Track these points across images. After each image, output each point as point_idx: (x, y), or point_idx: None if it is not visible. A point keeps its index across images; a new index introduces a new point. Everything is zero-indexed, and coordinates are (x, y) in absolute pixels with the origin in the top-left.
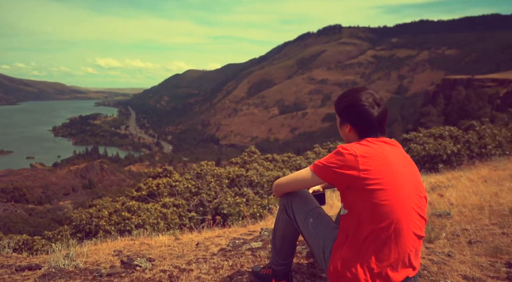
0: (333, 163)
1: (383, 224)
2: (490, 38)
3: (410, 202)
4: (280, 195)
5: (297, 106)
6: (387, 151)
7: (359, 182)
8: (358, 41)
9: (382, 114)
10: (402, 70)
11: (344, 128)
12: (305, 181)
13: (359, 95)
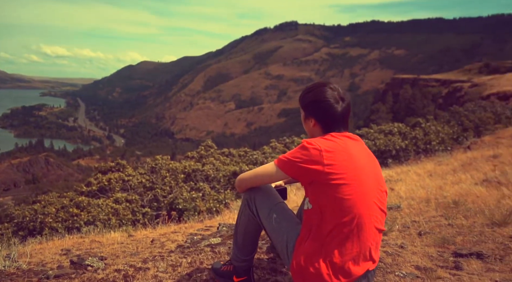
0: (298, 157)
1: (346, 218)
2: (435, 41)
3: (372, 197)
4: (243, 190)
5: (254, 101)
6: (350, 146)
7: (323, 176)
8: (313, 38)
9: (346, 109)
10: (355, 68)
11: (308, 122)
12: (269, 176)
13: (323, 90)
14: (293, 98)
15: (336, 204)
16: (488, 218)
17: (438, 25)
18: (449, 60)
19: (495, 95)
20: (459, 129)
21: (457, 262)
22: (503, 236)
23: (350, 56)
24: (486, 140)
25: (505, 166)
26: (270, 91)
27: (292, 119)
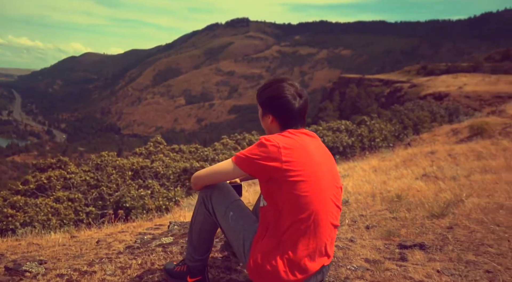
0: (256, 154)
1: (303, 215)
2: (378, 43)
3: (328, 193)
4: (199, 188)
5: (204, 97)
6: (307, 142)
7: (281, 173)
8: (264, 35)
9: (303, 105)
10: (304, 66)
11: (266, 119)
12: (226, 173)
13: (281, 86)
14: (244, 95)
15: (293, 201)
16: (428, 211)
17: (381, 28)
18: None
19: (431, 95)
20: (400, 126)
21: (402, 253)
22: (441, 227)
23: (299, 55)
24: (424, 137)
25: (441, 161)
26: (221, 87)
27: (243, 115)
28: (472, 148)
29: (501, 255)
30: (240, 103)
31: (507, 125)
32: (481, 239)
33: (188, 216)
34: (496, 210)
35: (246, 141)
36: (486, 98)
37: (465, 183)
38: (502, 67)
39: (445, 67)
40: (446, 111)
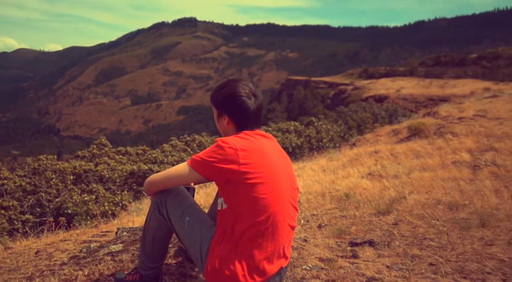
0: (213, 157)
1: (261, 217)
2: (323, 46)
3: (285, 195)
4: (153, 193)
5: (151, 97)
6: (264, 144)
7: (239, 176)
8: (212, 36)
9: (259, 105)
10: (253, 68)
11: (222, 120)
12: (182, 177)
13: (236, 86)
14: (193, 96)
15: (251, 204)
16: (375, 208)
17: (326, 32)
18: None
19: (372, 97)
20: (345, 127)
21: (353, 251)
22: (387, 223)
23: (248, 56)
24: (368, 137)
25: (384, 160)
26: (168, 87)
27: (192, 116)
28: (411, 147)
29: (442, 248)
30: (189, 104)
31: (440, 125)
32: (423, 234)
33: (137, 221)
34: (435, 206)
35: (196, 143)
36: (421, 100)
37: (406, 181)
38: (434, 72)
39: (384, 71)
40: (386, 112)
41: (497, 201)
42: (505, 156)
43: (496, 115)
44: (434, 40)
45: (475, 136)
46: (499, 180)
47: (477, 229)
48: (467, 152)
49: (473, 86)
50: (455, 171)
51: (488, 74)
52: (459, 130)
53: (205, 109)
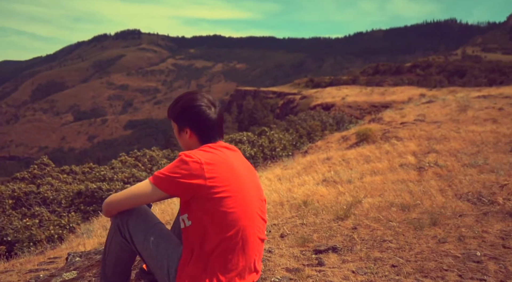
0: (176, 173)
1: (231, 232)
2: (270, 57)
3: (254, 207)
4: (113, 214)
5: (96, 112)
6: (229, 156)
7: (206, 191)
8: (158, 48)
9: (219, 115)
10: (201, 79)
11: (183, 134)
12: (145, 195)
13: (194, 97)
14: (140, 109)
15: (219, 219)
16: (333, 214)
17: (272, 43)
18: (282, 74)
19: (320, 105)
20: (296, 135)
21: (318, 258)
22: (347, 228)
23: (195, 68)
24: (319, 144)
25: (337, 166)
26: (114, 101)
27: (140, 131)
28: (361, 152)
29: (401, 249)
30: (136, 118)
31: (386, 131)
32: (382, 236)
33: (89, 244)
34: (388, 208)
35: (147, 158)
36: (364, 107)
37: (360, 185)
38: (375, 80)
39: (329, 80)
40: (334, 120)
41: (443, 200)
42: (446, 157)
43: (434, 119)
44: (372, 50)
45: (417, 140)
46: (442, 180)
47: (429, 228)
48: (411, 155)
49: (410, 93)
50: (403, 174)
51: (422, 81)
52: (403, 135)
53: (153, 123)
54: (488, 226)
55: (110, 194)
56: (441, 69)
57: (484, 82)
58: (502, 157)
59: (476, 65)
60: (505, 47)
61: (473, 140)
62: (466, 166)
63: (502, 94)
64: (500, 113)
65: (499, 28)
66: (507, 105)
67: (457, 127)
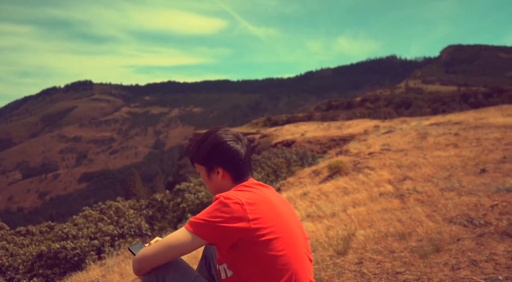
0: (217, 217)
1: (284, 278)
2: (226, 99)
3: (301, 247)
4: (147, 271)
5: (47, 168)
6: (267, 194)
7: (251, 234)
8: (111, 97)
9: (247, 148)
10: (158, 126)
11: (214, 176)
12: (183, 246)
13: (219, 134)
14: (96, 160)
15: (269, 264)
16: (333, 250)
17: (227, 86)
18: (239, 115)
19: (281, 143)
20: (264, 174)
21: None
22: (352, 263)
23: (152, 114)
24: (291, 181)
25: (316, 201)
26: (66, 154)
27: (96, 183)
28: (337, 185)
29: (419, 280)
30: (92, 170)
31: (356, 162)
32: (393, 268)
33: None
34: (384, 238)
35: (113, 210)
36: (324, 141)
37: (345, 218)
38: (329, 115)
39: (286, 117)
40: (297, 156)
41: (435, 225)
42: (421, 183)
43: (398, 148)
44: (324, 87)
45: (389, 168)
46: (426, 205)
47: (435, 255)
48: (388, 183)
49: (365, 125)
50: (385, 203)
51: (373, 114)
52: (374, 164)
53: (110, 174)
54: (491, 248)
55: (76, 252)
56: (389, 101)
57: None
58: (474, 179)
59: (419, 96)
60: (442, 78)
61: (442, 165)
62: (444, 190)
63: (450, 121)
64: (457, 138)
65: (434, 62)
66: (460, 130)
67: (423, 154)
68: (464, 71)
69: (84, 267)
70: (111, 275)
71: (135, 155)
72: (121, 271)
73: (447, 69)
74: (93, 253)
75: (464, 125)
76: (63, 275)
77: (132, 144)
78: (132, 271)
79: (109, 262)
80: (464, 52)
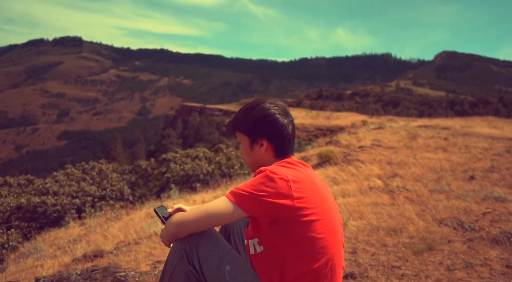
0: (262, 190)
1: (320, 262)
2: (217, 75)
3: (339, 232)
4: (181, 237)
5: (26, 120)
6: (311, 174)
7: (293, 213)
8: (100, 58)
9: (293, 126)
10: (145, 93)
11: (256, 148)
12: (224, 216)
13: (268, 106)
14: (77, 119)
15: (307, 246)
16: None
17: (220, 62)
18: (229, 93)
19: None
20: None
21: None
22: (346, 252)
23: (140, 81)
24: None
25: None
26: (48, 110)
27: (76, 142)
28: (326, 174)
29: (417, 276)
30: (73, 129)
31: (346, 153)
32: (388, 262)
33: (48, 265)
34: (376, 231)
35: (96, 171)
36: (310, 129)
37: None
38: (318, 104)
39: None
40: None
41: (425, 225)
42: (411, 182)
43: (389, 145)
44: (316, 76)
45: (379, 163)
46: (415, 204)
47: (428, 254)
48: (377, 178)
49: (353, 119)
50: (375, 197)
51: (361, 109)
52: (364, 158)
53: (91, 135)
54: (484, 253)
55: (56, 209)
56: (378, 98)
57: (415, 113)
58: (463, 185)
59: (408, 97)
60: (432, 83)
61: (431, 167)
62: (433, 191)
63: (438, 125)
64: (447, 143)
65: (427, 66)
66: (449, 135)
67: (413, 154)
68: (455, 78)
69: (64, 225)
70: (93, 235)
71: (118, 119)
72: (103, 233)
73: (439, 74)
74: (73, 212)
75: (452, 131)
76: (40, 229)
77: (116, 107)
78: (165, 233)
79: (90, 223)
80: (457, 60)
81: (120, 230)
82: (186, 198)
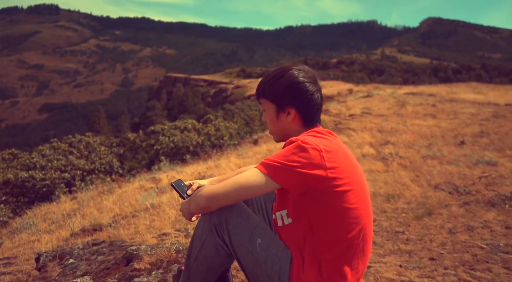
0: (294, 161)
1: (353, 232)
2: (201, 44)
3: (369, 202)
4: (211, 210)
5: (4, 93)
6: (340, 143)
7: (326, 183)
8: (79, 27)
9: (321, 93)
10: (127, 63)
11: (283, 117)
12: (256, 188)
13: (296, 73)
14: (58, 92)
15: (340, 216)
16: None
17: (203, 30)
18: (213, 63)
19: (254, 96)
20: (242, 124)
21: None
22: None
23: (121, 51)
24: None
25: None
26: (26, 82)
27: (58, 115)
28: None
29: (422, 240)
30: (53, 101)
31: (337, 122)
32: (391, 227)
33: (46, 240)
34: (373, 198)
35: (83, 144)
36: None
37: None
38: None
39: (261, 71)
40: None
41: (420, 190)
42: (404, 148)
43: (379, 113)
44: (302, 44)
45: (370, 131)
46: (409, 170)
47: (428, 218)
48: (369, 146)
49: (338, 87)
50: (369, 164)
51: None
52: (355, 126)
53: (73, 107)
54: (481, 216)
55: (46, 183)
56: (363, 66)
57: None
58: (454, 150)
59: (393, 65)
60: (417, 50)
61: (422, 133)
62: (426, 157)
63: (424, 92)
64: (435, 109)
65: (412, 32)
66: (437, 102)
67: (403, 121)
68: (439, 45)
69: (54, 199)
70: (87, 209)
71: (100, 91)
72: (97, 206)
73: (424, 41)
74: (63, 186)
75: (439, 98)
76: (30, 204)
77: (98, 79)
78: (188, 207)
79: (82, 196)
80: (442, 26)
81: (114, 203)
82: (178, 170)
